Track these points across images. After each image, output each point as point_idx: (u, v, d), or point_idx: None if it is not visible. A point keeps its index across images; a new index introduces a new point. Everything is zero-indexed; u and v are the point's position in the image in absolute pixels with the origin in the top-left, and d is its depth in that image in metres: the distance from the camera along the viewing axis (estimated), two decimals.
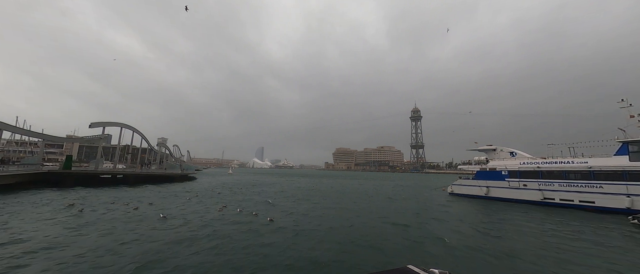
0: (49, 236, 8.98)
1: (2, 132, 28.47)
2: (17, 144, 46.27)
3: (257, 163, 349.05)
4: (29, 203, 15.74)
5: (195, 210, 15.22)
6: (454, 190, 26.54)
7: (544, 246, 9.38)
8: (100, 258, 7.21)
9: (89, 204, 16.03)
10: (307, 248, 8.57)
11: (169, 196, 21.19)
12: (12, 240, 8.46)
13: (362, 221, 12.92)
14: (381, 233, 10.77)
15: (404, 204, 20.20)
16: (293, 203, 19.09)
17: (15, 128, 30.66)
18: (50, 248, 7.81)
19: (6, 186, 22.97)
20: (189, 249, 8.11)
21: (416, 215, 15.26)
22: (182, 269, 6.61)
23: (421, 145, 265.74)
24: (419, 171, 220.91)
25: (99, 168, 35.55)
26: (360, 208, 17.48)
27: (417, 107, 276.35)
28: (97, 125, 36.38)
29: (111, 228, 10.39)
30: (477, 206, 19.31)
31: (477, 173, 24.72)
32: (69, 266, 6.56)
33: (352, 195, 25.57)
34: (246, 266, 6.95)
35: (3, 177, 23.29)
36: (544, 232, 11.53)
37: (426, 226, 11.97)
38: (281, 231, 10.73)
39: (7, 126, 28.45)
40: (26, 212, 13.01)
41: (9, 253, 7.22)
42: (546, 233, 11.43)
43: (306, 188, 34.08)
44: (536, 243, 9.88)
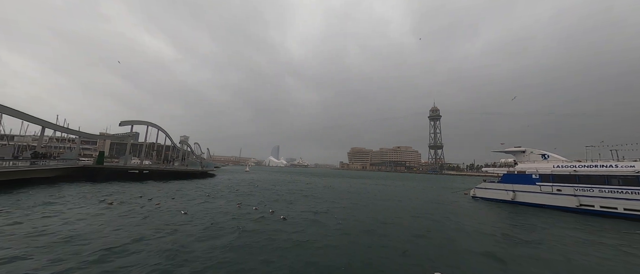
0: (79, 227, 9.61)
1: (44, 129, 31.21)
2: (57, 140, 50.50)
3: (273, 162, 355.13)
4: (68, 194, 17.05)
5: (214, 206, 15.64)
6: (477, 194, 25.18)
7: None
8: (120, 248, 7.56)
9: (118, 198, 17.04)
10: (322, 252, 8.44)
11: (190, 192, 22.00)
12: (46, 231, 9.15)
13: (384, 225, 12.57)
14: (402, 238, 10.39)
15: (425, 207, 19.46)
16: (315, 202, 19.07)
17: (56, 126, 33.45)
18: (73, 237, 8.33)
19: (48, 178, 25.13)
20: (207, 245, 8.29)
21: (442, 218, 14.61)
22: (203, 267, 6.75)
23: (440, 146, 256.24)
24: (438, 172, 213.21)
25: (128, 163, 37.85)
26: (381, 210, 17.07)
27: (436, 106, 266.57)
28: (126, 123, 38.77)
29: (134, 222, 10.91)
30: (507, 212, 18.13)
31: (504, 176, 23.25)
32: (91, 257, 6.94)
33: (368, 196, 25.11)
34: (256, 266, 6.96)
35: (46, 171, 25.55)
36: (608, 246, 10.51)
37: (451, 232, 11.37)
38: (289, 228, 10.70)
39: (49, 124, 31.14)
40: (66, 204, 14.07)
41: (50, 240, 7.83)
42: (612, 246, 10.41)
43: (326, 187, 34.03)
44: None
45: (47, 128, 31.22)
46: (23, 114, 26.61)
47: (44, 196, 15.82)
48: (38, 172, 24.45)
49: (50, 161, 28.88)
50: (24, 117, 26.95)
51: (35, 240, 7.92)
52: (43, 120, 29.50)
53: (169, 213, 12.89)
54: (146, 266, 6.48)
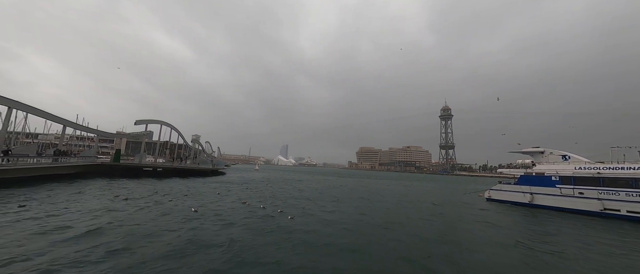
0: (98, 221, 9.93)
1: (66, 128, 32.61)
2: (77, 139, 52.78)
3: (282, 161, 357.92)
4: (86, 190, 17.75)
5: (224, 204, 15.83)
6: (492, 196, 24.36)
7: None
8: (130, 244, 7.74)
9: (133, 194, 17.57)
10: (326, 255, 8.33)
11: (201, 190, 22.42)
12: (66, 224, 9.51)
13: (396, 228, 12.33)
14: (417, 244, 10.12)
15: (438, 210, 19.01)
16: (328, 203, 19.00)
17: (76, 125, 34.92)
18: (93, 232, 8.60)
19: (69, 175, 26.28)
20: (216, 244, 8.36)
21: (458, 222, 14.20)
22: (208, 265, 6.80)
23: (451, 146, 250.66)
24: (449, 173, 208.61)
25: (142, 161, 39.06)
26: (392, 211, 16.81)
27: (448, 105, 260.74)
28: (141, 122, 40.00)
29: (148, 219, 11.17)
30: (526, 216, 17.44)
31: (521, 177, 22.36)
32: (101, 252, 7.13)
33: (378, 196, 24.80)
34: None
35: (67, 167, 26.72)
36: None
37: (470, 239, 10.93)
38: (298, 229, 10.65)
39: (70, 123, 32.50)
40: (85, 199, 14.63)
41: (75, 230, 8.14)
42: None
43: (335, 187, 33.91)
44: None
45: (68, 127, 32.63)
46: (46, 113, 27.89)
47: (63, 192, 16.52)
48: (60, 169, 25.60)
49: (71, 158, 30.18)
50: (47, 116, 28.25)
51: (59, 234, 8.23)
52: (64, 119, 30.83)
53: (181, 210, 13.14)
54: (157, 262, 6.60)
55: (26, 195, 14.45)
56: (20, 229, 8.45)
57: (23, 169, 21.23)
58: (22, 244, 7.21)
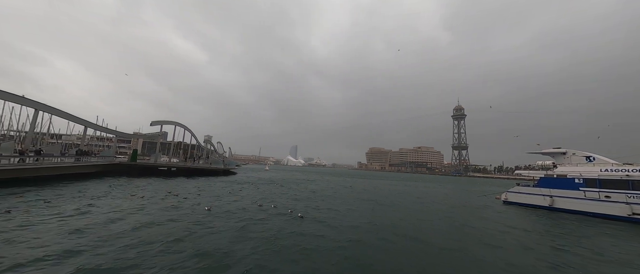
0: (117, 217, 10.29)
1: (87, 129, 34.16)
2: (97, 139, 55.22)
3: (291, 161, 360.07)
4: (106, 188, 18.50)
5: (236, 203, 16.03)
6: (509, 198, 23.41)
7: None
8: (143, 243, 7.93)
9: (148, 192, 18.13)
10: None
11: (214, 189, 22.84)
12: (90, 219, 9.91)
13: (408, 232, 12.05)
14: (431, 252, 9.82)
15: (453, 213, 18.47)
16: (340, 203, 18.90)
17: (96, 126, 36.53)
18: (110, 227, 8.90)
19: (89, 174, 27.49)
20: (226, 242, 8.44)
21: (476, 227, 13.71)
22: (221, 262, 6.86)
23: (464, 146, 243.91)
24: (462, 174, 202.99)
25: (158, 161, 40.33)
26: (404, 213, 16.48)
27: (461, 105, 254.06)
28: (156, 123, 41.33)
29: (163, 217, 11.45)
30: (549, 220, 16.64)
31: (541, 179, 21.35)
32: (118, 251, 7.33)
33: (390, 197, 24.40)
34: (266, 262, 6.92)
35: (88, 166, 27.97)
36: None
37: (490, 247, 10.27)
38: (309, 228, 10.59)
39: (91, 124, 34.03)
40: (104, 197, 15.24)
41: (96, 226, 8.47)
42: None
43: (346, 187, 33.72)
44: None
45: (89, 128, 34.19)
46: (69, 115, 29.32)
47: (85, 189, 17.27)
48: (81, 168, 26.83)
49: (92, 158, 31.58)
50: (70, 117, 29.69)
51: (79, 233, 8.59)
52: (86, 120, 32.31)
53: (194, 208, 13.41)
54: (167, 258, 6.73)
55: (52, 192, 15.23)
56: (45, 223, 8.88)
57: (49, 168, 22.40)
58: (46, 238, 7.57)
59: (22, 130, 37.86)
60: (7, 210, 10.41)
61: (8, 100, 22.24)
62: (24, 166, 19.99)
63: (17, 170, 19.33)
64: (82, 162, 27.75)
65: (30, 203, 12.22)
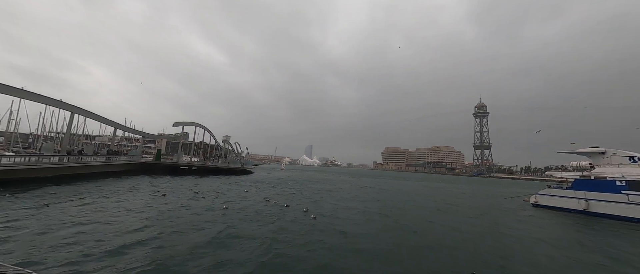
0: (131, 213, 10.85)
1: (116, 130, 36.49)
2: (126, 139, 58.91)
3: (306, 161, 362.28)
4: (134, 185, 19.66)
5: (251, 202, 16.31)
6: (539, 201, 21.83)
7: None
8: (164, 239, 8.23)
9: (171, 190, 19.00)
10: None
11: (231, 187, 23.47)
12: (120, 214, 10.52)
13: (430, 238, 11.59)
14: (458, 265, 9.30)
15: (479, 216, 17.56)
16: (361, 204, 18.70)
17: (125, 127, 38.97)
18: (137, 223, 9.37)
19: (118, 172, 29.37)
20: (239, 241, 8.56)
21: (507, 235, 12.90)
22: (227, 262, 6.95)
23: (487, 146, 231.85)
24: (484, 175, 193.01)
25: (180, 160, 42.25)
26: (425, 216, 15.92)
27: (483, 102, 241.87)
28: (178, 124, 43.31)
29: (183, 213, 11.89)
30: (589, 227, 15.33)
31: (576, 181, 19.69)
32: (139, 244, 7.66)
33: (408, 198, 23.71)
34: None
35: (118, 165, 29.90)
36: None
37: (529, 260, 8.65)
38: (323, 228, 10.47)
39: (120, 126, 36.34)
40: (132, 193, 16.17)
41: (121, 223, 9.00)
42: None
43: (362, 187, 33.33)
44: None
45: (118, 129, 36.56)
46: (101, 117, 31.51)
47: (115, 187, 18.46)
48: (112, 166, 28.75)
49: (121, 157, 33.73)
50: (101, 119, 31.90)
51: (109, 227, 9.16)
52: (115, 122, 34.58)
53: (213, 206, 13.83)
54: (188, 252, 6.95)
55: (86, 188, 16.43)
56: (82, 215, 9.57)
57: (86, 166, 24.22)
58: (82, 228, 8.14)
59: (61, 132, 41.31)
60: (45, 204, 11.34)
61: (48, 104, 24.33)
62: (64, 165, 21.76)
63: (57, 168, 21.08)
64: (113, 161, 29.72)
65: (67, 197, 13.25)
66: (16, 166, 17.67)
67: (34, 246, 6.80)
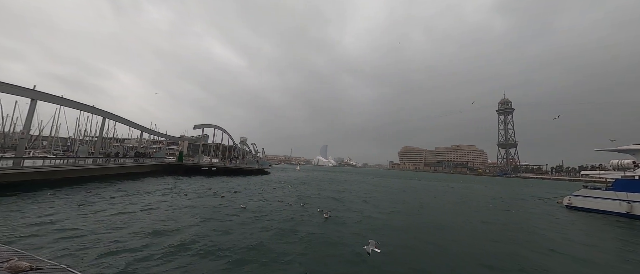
0: (157, 211, 11.38)
1: (143, 133, 38.73)
2: (151, 142, 62.44)
3: (322, 161, 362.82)
4: (158, 185, 20.75)
5: (267, 202, 16.54)
6: (574, 203, 20.18)
7: None
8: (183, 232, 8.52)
9: (192, 189, 19.79)
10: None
11: (249, 187, 24.01)
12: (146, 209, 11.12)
13: (457, 245, 11.08)
14: None
15: (508, 219, 16.59)
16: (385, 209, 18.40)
17: (150, 130, 41.28)
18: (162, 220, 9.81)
19: (145, 172, 31.13)
20: (256, 239, 8.66)
21: (544, 242, 12.05)
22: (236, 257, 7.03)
23: (513, 144, 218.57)
24: (510, 174, 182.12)
25: (200, 161, 44.00)
26: (449, 220, 15.30)
27: (507, 98, 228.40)
28: (198, 126, 45.13)
29: (204, 212, 12.30)
30: (628, 229, 13.96)
31: (618, 181, 17.96)
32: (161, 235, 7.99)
33: (428, 199, 22.90)
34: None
35: (144, 166, 31.69)
36: None
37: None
38: (336, 228, 10.31)
39: (146, 129, 38.52)
40: (157, 193, 17.06)
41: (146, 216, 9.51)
42: None
43: (380, 186, 32.77)
44: None
45: (144, 132, 38.81)
46: (129, 121, 33.60)
47: (142, 187, 19.57)
48: (140, 168, 30.53)
49: (147, 159, 35.75)
50: (129, 123, 34.01)
51: (127, 225, 9.70)
52: (142, 126, 36.73)
53: (231, 205, 14.21)
54: (207, 247, 7.15)
55: (117, 188, 17.60)
56: (112, 214, 10.24)
57: (116, 167, 25.96)
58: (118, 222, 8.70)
59: (94, 135, 44.61)
60: (80, 204, 12.24)
61: (83, 110, 26.35)
62: (97, 166, 23.45)
63: (91, 169, 22.75)
64: (140, 163, 31.57)
65: (99, 196, 14.24)
66: (56, 168, 19.29)
67: (67, 241, 7.35)
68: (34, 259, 4.30)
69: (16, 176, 16.01)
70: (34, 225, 8.57)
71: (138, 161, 31.76)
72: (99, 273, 5.66)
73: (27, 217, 9.50)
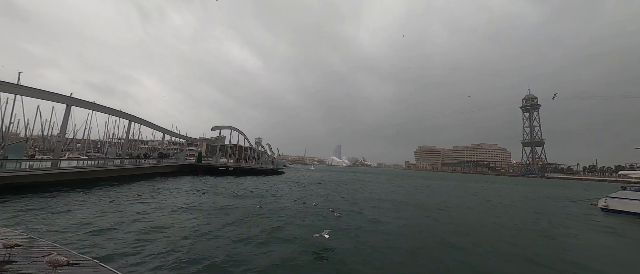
0: (180, 209, 11.84)
1: (165, 135, 40.62)
2: (173, 144, 65.40)
3: (335, 161, 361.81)
4: (180, 184, 21.67)
5: (282, 201, 16.71)
6: (611, 205, 18.61)
7: None
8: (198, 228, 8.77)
9: (210, 188, 20.47)
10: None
11: (264, 187, 24.42)
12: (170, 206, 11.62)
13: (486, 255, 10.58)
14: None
15: (541, 224, 15.66)
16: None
17: (172, 132, 43.26)
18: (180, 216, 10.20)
19: (167, 173, 32.65)
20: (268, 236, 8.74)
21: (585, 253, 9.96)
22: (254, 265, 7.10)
23: (539, 142, 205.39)
24: (536, 175, 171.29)
25: (218, 162, 45.44)
26: (474, 224, 14.67)
27: (532, 94, 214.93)
28: (216, 128, 46.63)
29: (221, 211, 12.64)
30: None
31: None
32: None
33: (449, 200, 22.09)
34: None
35: (167, 166, 33.25)
36: None
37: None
38: (345, 228, 10.16)
39: (168, 131, 40.40)
40: (179, 192, 17.82)
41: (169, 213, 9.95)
42: None
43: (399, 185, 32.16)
44: None
45: (166, 134, 40.72)
46: (152, 124, 35.39)
47: (165, 186, 20.54)
48: (163, 168, 32.06)
49: (169, 159, 37.49)
50: (153, 126, 35.82)
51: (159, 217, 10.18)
52: (164, 128, 38.58)
53: (247, 204, 14.51)
54: (224, 246, 7.33)
55: (142, 186, 18.60)
56: (140, 211, 10.83)
57: (142, 168, 27.45)
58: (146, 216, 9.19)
59: (121, 138, 47.47)
60: (110, 200, 13.04)
61: (111, 114, 28.10)
62: (124, 167, 24.92)
63: (119, 169, 24.20)
64: (163, 163, 33.17)
65: (127, 194, 15.10)
66: (88, 168, 20.74)
67: (98, 237, 7.85)
68: (70, 254, 4.63)
69: (54, 176, 17.37)
70: (69, 222, 9.24)
71: (161, 162, 33.37)
72: (129, 268, 5.98)
73: (63, 214, 10.27)
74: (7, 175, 14.51)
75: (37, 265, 4.05)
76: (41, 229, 8.22)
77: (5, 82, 17.50)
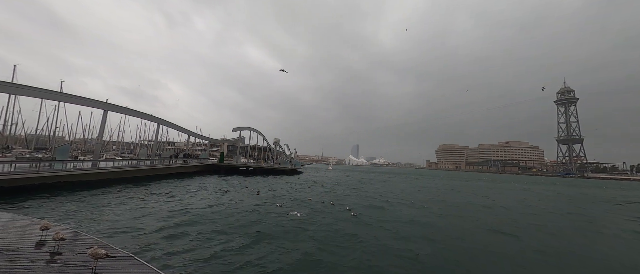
0: (206, 207, 12.28)
1: (189, 137, 42.70)
2: (197, 145, 68.71)
3: (353, 161, 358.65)
4: (204, 183, 22.64)
5: (300, 202, 16.75)
6: None
7: None
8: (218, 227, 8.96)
9: (232, 188, 21.14)
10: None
11: (282, 186, 24.74)
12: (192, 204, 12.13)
13: None
14: None
15: (590, 234, 14.35)
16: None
17: (196, 134, 45.40)
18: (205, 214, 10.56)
19: (191, 172, 34.29)
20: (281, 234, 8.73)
21: None
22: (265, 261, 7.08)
23: (578, 139, 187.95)
24: (574, 174, 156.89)
25: (238, 162, 46.95)
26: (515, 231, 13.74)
27: (568, 86, 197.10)
28: (236, 129, 48.19)
29: (243, 209, 12.94)
30: None
31: None
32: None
33: (481, 204, 20.88)
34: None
35: (192, 166, 34.96)
36: None
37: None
38: (362, 231, 9.84)
39: (192, 133, 42.44)
40: (202, 191, 18.61)
41: (192, 210, 10.38)
42: None
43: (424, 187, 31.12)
44: None
45: (191, 136, 42.81)
46: (178, 126, 37.36)
47: (191, 184, 21.56)
48: (188, 168, 33.75)
49: (194, 160, 39.37)
50: (179, 128, 37.80)
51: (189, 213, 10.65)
52: (189, 130, 40.58)
53: (267, 203, 14.75)
54: (244, 246, 7.43)
55: (172, 186, 19.68)
56: (170, 208, 11.43)
57: (170, 168, 29.12)
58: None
59: (151, 140, 50.72)
60: (142, 198, 13.90)
61: (142, 117, 30.05)
62: (154, 167, 26.56)
63: (150, 169, 25.82)
64: (188, 163, 34.93)
65: (158, 193, 16.03)
66: (123, 169, 22.36)
67: (133, 231, 8.36)
68: (108, 247, 4.94)
69: (94, 176, 18.93)
70: (107, 217, 9.97)
71: (187, 162, 35.15)
72: (161, 261, 6.28)
73: (103, 210, 11.11)
74: (56, 174, 16.06)
75: (80, 257, 4.36)
76: (84, 224, 8.94)
77: (51, 90, 19.38)
